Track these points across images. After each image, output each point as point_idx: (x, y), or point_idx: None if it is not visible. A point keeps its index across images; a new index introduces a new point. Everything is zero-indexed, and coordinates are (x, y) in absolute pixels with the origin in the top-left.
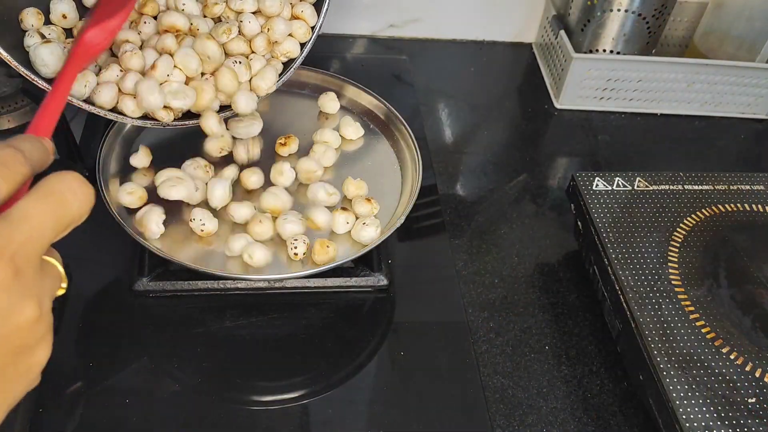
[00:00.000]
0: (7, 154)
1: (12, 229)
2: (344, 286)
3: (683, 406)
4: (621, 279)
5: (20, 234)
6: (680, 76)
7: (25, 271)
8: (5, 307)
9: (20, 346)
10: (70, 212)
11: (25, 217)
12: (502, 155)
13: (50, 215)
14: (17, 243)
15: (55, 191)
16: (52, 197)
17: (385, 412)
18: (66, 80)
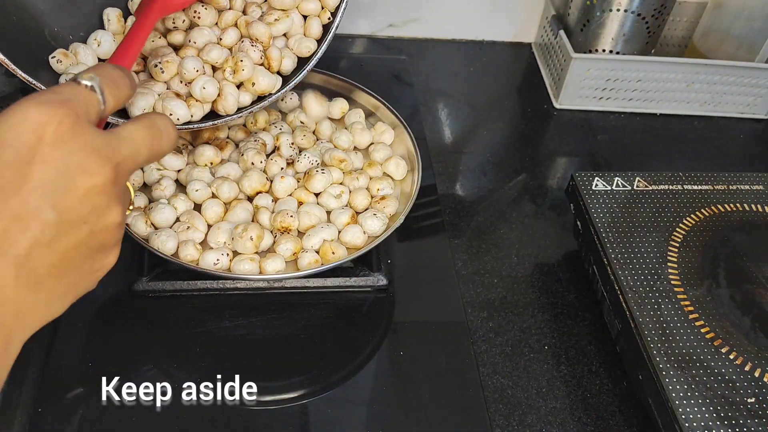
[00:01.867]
0: (118, 75)
1: (119, 143)
2: (344, 286)
3: (682, 405)
4: (620, 279)
5: (125, 149)
6: (680, 76)
7: (120, 181)
8: (103, 206)
9: (102, 244)
10: (160, 147)
11: (130, 138)
12: (501, 155)
13: (148, 143)
14: (121, 156)
15: (155, 126)
16: (153, 130)
17: (385, 411)
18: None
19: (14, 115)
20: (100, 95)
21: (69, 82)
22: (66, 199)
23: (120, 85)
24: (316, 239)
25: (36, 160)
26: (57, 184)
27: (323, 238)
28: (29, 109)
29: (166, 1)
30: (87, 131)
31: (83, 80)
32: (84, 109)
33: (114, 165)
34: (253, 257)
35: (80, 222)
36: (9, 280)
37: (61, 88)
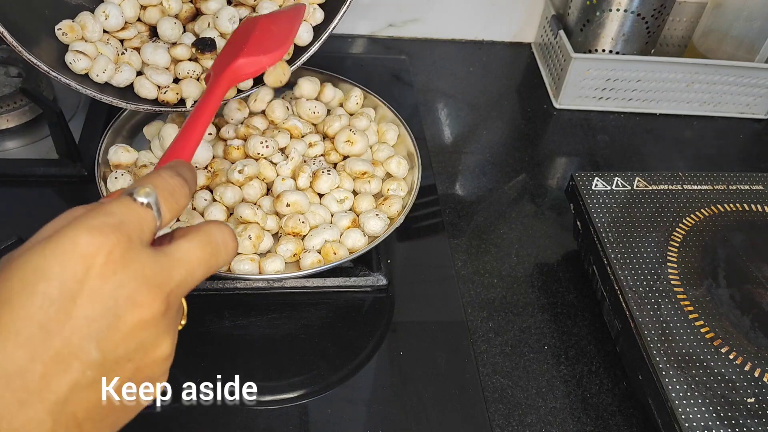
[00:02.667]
0: (177, 184)
1: (173, 267)
2: (343, 286)
3: (682, 405)
4: (620, 279)
5: (178, 274)
6: (679, 76)
7: (171, 310)
8: (151, 340)
9: (148, 377)
10: (218, 264)
11: (185, 260)
12: (501, 155)
13: (205, 263)
14: (175, 282)
15: (213, 242)
16: (210, 247)
17: (384, 411)
18: (212, 104)
19: (62, 243)
20: (156, 212)
21: (124, 198)
22: (112, 336)
23: (178, 196)
24: (318, 240)
25: (82, 295)
26: (103, 321)
27: (325, 238)
28: (79, 236)
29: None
30: (139, 259)
31: (139, 197)
32: (138, 232)
33: (166, 295)
34: (253, 257)
35: (125, 360)
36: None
37: (115, 207)
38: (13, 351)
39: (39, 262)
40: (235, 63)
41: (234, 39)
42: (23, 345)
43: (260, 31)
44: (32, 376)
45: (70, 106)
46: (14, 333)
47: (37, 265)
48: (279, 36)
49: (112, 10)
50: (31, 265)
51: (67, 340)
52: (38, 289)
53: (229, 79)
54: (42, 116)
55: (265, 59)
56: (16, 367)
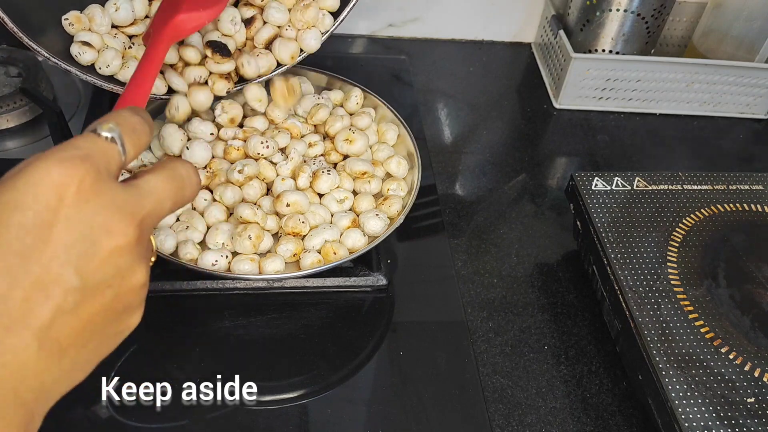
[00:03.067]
0: (138, 122)
1: (142, 198)
2: (343, 286)
3: (682, 405)
4: (620, 279)
5: (148, 204)
6: (679, 76)
7: (144, 238)
8: (127, 267)
9: (126, 306)
10: (183, 197)
11: (153, 191)
12: (501, 155)
13: (171, 195)
14: (145, 211)
15: (178, 175)
16: (176, 181)
17: (384, 411)
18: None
19: (33, 175)
20: (120, 146)
21: (88, 133)
22: (89, 262)
23: (140, 133)
24: (317, 240)
25: (57, 223)
26: (80, 248)
27: (325, 238)
28: (49, 167)
29: (177, 26)
30: (109, 188)
31: (103, 132)
32: (105, 164)
33: (138, 222)
34: (253, 257)
35: (104, 286)
36: (31, 354)
37: (80, 142)
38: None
39: (11, 194)
40: (175, 18)
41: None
42: (2, 274)
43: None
44: (14, 303)
45: (70, 106)
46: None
47: (9, 198)
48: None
49: (123, 4)
50: (3, 198)
51: (46, 267)
52: (13, 220)
53: (171, 35)
54: (42, 116)
55: (205, 15)
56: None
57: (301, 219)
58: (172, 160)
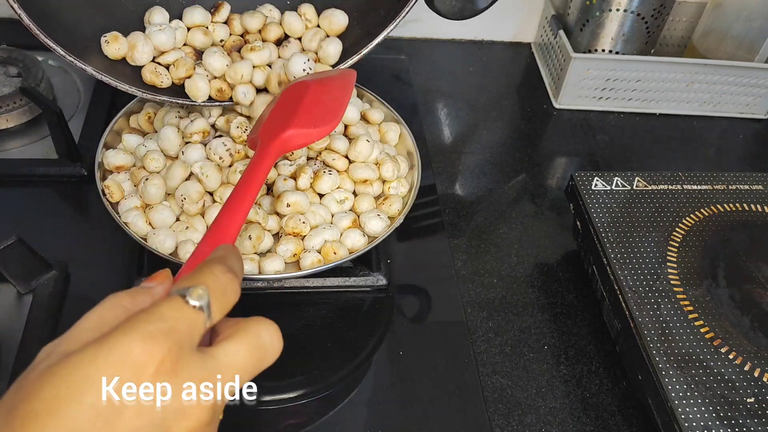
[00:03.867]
0: (228, 281)
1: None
2: (343, 286)
3: (682, 405)
4: (620, 279)
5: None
6: (679, 76)
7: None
8: None
9: None
10: (264, 366)
11: (232, 365)
12: (501, 155)
13: (251, 367)
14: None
15: (261, 345)
16: (259, 351)
17: (384, 411)
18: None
19: (113, 351)
20: (207, 313)
21: (176, 300)
22: None
23: (229, 294)
24: (317, 240)
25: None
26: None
27: (325, 238)
28: (131, 344)
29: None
30: (188, 367)
31: (192, 300)
32: (189, 338)
33: (213, 404)
34: (253, 257)
35: None
36: None
37: (167, 311)
38: None
39: (90, 369)
40: (285, 133)
41: (282, 102)
42: None
43: (312, 100)
44: None
45: (70, 106)
46: None
47: (86, 374)
48: (330, 107)
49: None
50: (79, 373)
51: None
52: (87, 399)
53: (278, 150)
54: (42, 116)
55: (316, 132)
56: None
57: (301, 219)
58: (256, 324)
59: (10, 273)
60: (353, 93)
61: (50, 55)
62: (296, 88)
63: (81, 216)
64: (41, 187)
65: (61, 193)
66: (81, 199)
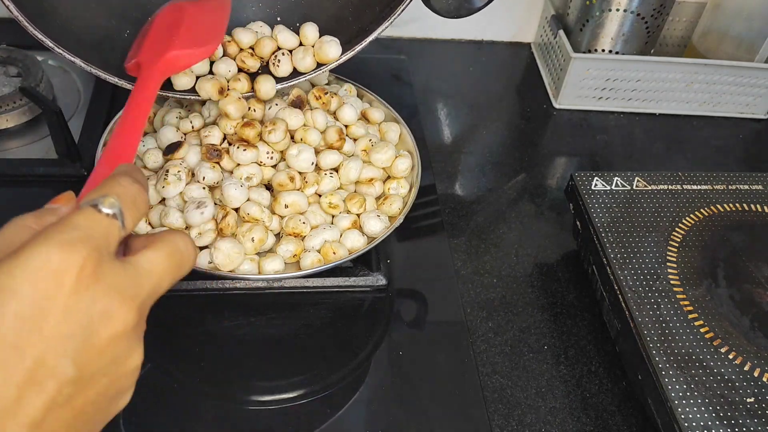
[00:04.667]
0: (137, 191)
1: (142, 279)
2: (343, 286)
3: (682, 405)
4: (620, 279)
5: (147, 284)
6: (679, 75)
7: (142, 319)
8: (123, 353)
9: (119, 390)
10: (181, 273)
11: (153, 271)
12: (500, 155)
13: (171, 273)
14: (145, 293)
15: (178, 251)
16: (176, 256)
17: (384, 411)
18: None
19: (31, 261)
20: (120, 222)
21: (88, 209)
22: (86, 352)
23: (139, 203)
24: (317, 240)
25: (55, 312)
26: (78, 338)
27: (325, 238)
28: (49, 253)
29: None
30: (109, 272)
31: (104, 208)
32: (105, 244)
33: (138, 306)
34: (253, 257)
35: (100, 374)
36: None
37: (81, 220)
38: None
39: (8, 281)
40: (168, 54)
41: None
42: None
43: (191, 21)
44: (7, 399)
45: (70, 106)
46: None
47: (6, 285)
48: (210, 27)
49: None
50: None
51: (41, 360)
52: (9, 309)
53: (162, 71)
54: (41, 116)
55: (198, 52)
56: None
57: (301, 219)
58: (170, 234)
59: None
60: (353, 93)
61: (50, 55)
62: (172, 10)
63: None
64: (41, 187)
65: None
66: None
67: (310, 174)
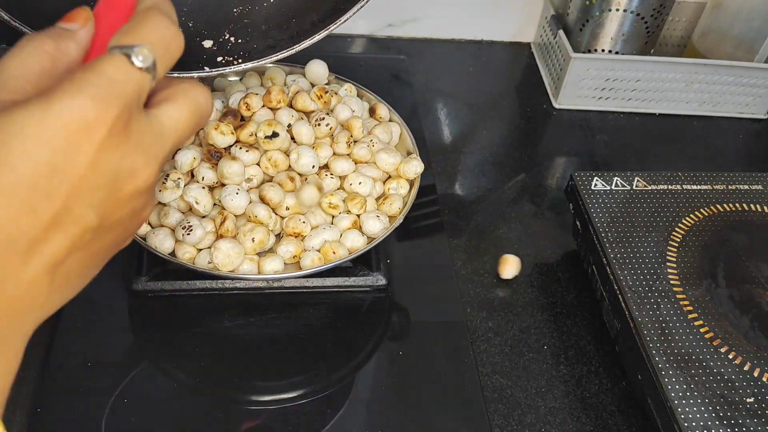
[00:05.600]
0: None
1: (166, 137)
2: (343, 286)
3: (682, 405)
4: (620, 279)
5: (170, 142)
6: (679, 75)
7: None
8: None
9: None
10: (199, 128)
11: (177, 128)
12: (500, 155)
13: (191, 129)
14: (167, 150)
15: (198, 107)
16: (197, 112)
17: (384, 411)
18: None
19: (65, 112)
20: (152, 74)
21: (121, 60)
22: (110, 203)
23: (173, 50)
24: (317, 240)
25: (84, 165)
26: (104, 191)
27: (325, 238)
28: (83, 106)
29: None
30: (138, 129)
31: (138, 60)
32: (137, 99)
33: (160, 163)
34: (253, 257)
35: (118, 224)
36: (43, 289)
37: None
38: (17, 215)
39: (42, 129)
40: None
41: None
42: (26, 211)
43: None
44: (33, 240)
45: None
46: (19, 200)
47: (40, 132)
48: None
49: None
50: (32, 130)
51: (68, 207)
52: (42, 157)
53: None
54: None
55: None
56: (19, 230)
57: (302, 219)
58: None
59: None
60: (354, 92)
61: None
62: None
63: None
64: None
65: None
66: None
67: (311, 176)
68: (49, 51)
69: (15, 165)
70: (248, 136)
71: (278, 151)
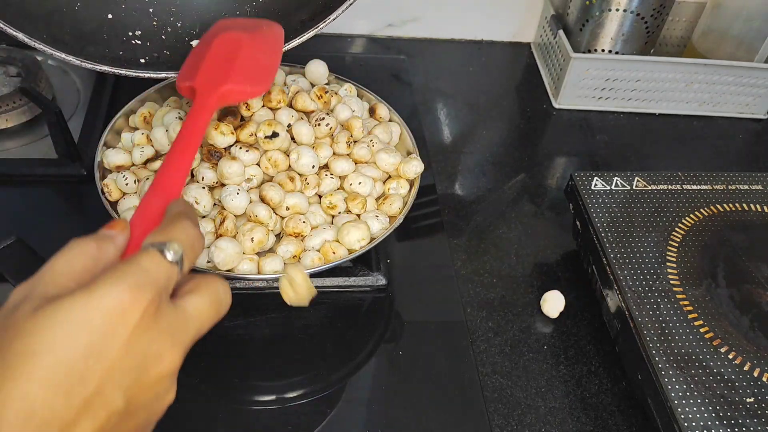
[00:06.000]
0: (196, 236)
1: (189, 324)
2: (343, 286)
3: (681, 405)
4: (620, 279)
5: (193, 329)
6: (679, 75)
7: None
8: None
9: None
10: (219, 318)
11: (198, 317)
12: (500, 155)
13: (211, 319)
14: (190, 338)
15: (219, 299)
16: (218, 305)
17: (384, 411)
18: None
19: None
20: (180, 267)
21: (155, 254)
22: (137, 388)
23: (197, 249)
24: (317, 240)
25: (118, 348)
26: (132, 374)
27: (324, 238)
28: (121, 293)
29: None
30: (166, 316)
31: (169, 255)
32: (166, 288)
33: (183, 350)
34: (253, 257)
35: (142, 409)
36: None
37: (148, 264)
38: (53, 399)
39: (83, 314)
40: (223, 87)
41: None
42: (61, 393)
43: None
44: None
45: (70, 106)
46: (56, 383)
47: (81, 318)
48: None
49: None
50: (75, 316)
51: (99, 390)
52: (82, 340)
53: (217, 103)
54: (41, 116)
55: (251, 90)
56: (53, 414)
57: (302, 219)
58: (213, 281)
59: (9, 273)
60: (354, 92)
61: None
62: (229, 39)
63: (80, 216)
64: (41, 187)
65: (60, 192)
66: (81, 199)
67: (311, 176)
68: (91, 253)
69: (56, 348)
70: (248, 136)
71: (278, 151)
